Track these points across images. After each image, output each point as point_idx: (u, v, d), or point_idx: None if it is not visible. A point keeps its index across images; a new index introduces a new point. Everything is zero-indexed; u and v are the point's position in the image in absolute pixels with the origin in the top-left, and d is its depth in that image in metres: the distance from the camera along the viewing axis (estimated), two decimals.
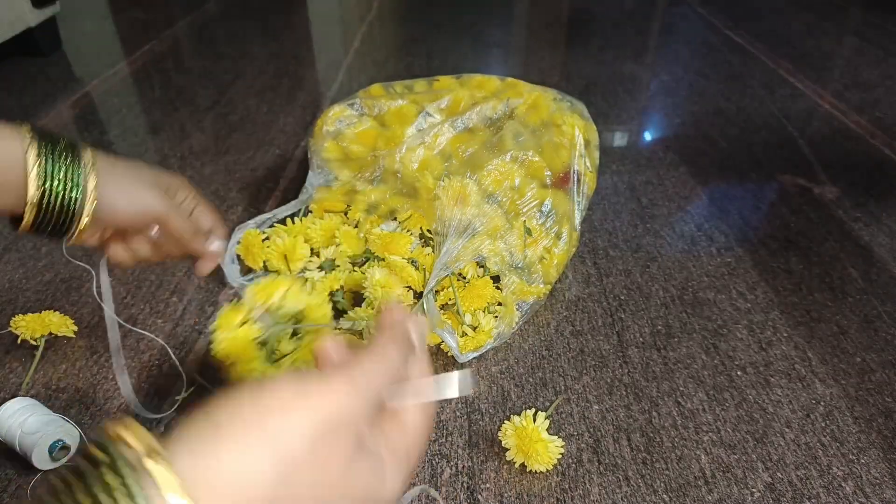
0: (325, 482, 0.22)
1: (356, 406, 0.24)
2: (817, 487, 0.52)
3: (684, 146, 1.06)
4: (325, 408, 0.22)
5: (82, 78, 1.33)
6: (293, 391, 0.22)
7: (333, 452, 0.22)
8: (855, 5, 1.83)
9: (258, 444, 0.21)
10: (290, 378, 0.23)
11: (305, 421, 0.22)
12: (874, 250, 0.81)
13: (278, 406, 0.22)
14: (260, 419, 0.21)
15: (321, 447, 0.22)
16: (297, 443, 0.21)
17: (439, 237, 0.69)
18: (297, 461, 0.21)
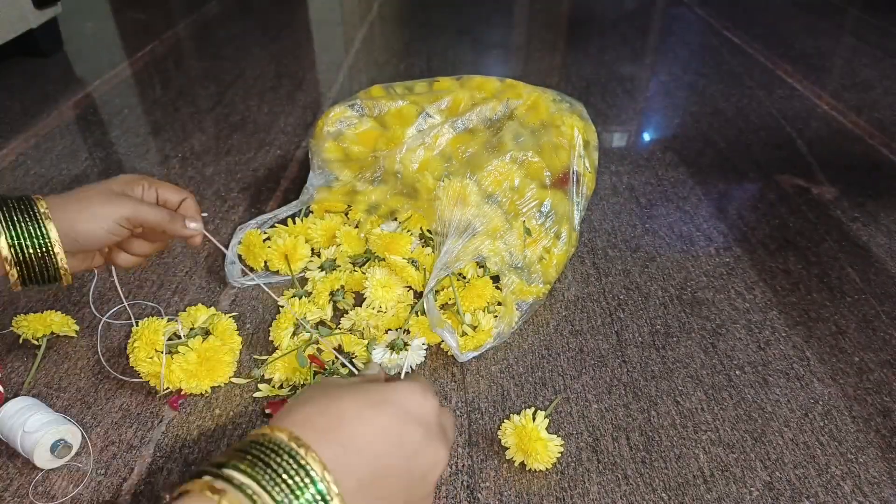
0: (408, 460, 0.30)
1: (431, 401, 0.33)
2: (815, 486, 0.53)
3: (683, 147, 1.07)
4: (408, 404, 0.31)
5: (83, 78, 1.33)
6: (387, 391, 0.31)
7: (413, 436, 0.31)
8: (853, 6, 1.83)
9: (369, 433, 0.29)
10: (385, 382, 0.33)
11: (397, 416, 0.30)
12: (872, 250, 0.81)
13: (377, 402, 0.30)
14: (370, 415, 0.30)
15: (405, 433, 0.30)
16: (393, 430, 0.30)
17: (439, 237, 0.69)
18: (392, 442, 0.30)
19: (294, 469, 0.26)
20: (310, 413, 0.29)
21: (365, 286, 0.68)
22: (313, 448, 0.27)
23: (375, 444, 0.29)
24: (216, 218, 0.87)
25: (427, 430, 0.31)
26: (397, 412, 0.30)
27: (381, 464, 0.29)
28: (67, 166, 1.00)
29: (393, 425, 0.30)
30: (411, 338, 0.64)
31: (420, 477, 0.31)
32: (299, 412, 0.29)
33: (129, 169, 0.99)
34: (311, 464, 0.26)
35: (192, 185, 0.95)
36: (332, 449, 0.27)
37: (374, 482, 0.28)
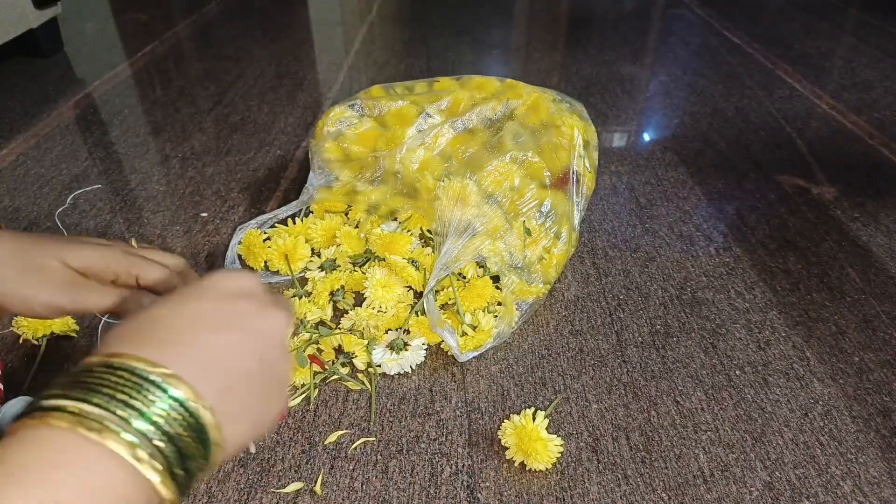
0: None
1: (249, 276, 0.31)
2: (815, 486, 0.53)
3: (683, 147, 1.07)
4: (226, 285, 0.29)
5: (84, 79, 1.33)
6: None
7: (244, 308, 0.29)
8: (853, 6, 1.83)
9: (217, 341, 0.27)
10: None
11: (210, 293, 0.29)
12: (872, 250, 0.81)
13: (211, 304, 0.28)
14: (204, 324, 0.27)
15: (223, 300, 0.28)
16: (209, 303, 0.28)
17: (439, 237, 0.69)
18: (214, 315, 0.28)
19: (132, 382, 0.23)
20: (126, 331, 0.26)
21: (365, 286, 0.68)
22: (144, 356, 0.24)
23: (200, 328, 0.27)
24: (216, 218, 0.87)
25: (256, 299, 0.29)
26: (213, 294, 0.28)
27: (215, 344, 0.26)
28: (67, 166, 1.00)
29: (213, 307, 0.28)
30: (411, 338, 0.64)
31: (266, 343, 0.29)
32: (115, 337, 0.26)
33: (129, 169, 0.99)
34: (135, 364, 0.23)
35: (192, 186, 0.95)
36: (165, 350, 0.25)
37: (214, 363, 0.26)
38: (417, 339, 0.64)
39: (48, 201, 0.91)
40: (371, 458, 0.55)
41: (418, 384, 0.62)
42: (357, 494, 0.52)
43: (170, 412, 0.23)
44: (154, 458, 0.22)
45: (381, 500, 0.51)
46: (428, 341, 0.65)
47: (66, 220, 0.87)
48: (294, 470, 0.54)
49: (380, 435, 0.57)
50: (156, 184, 0.95)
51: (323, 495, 0.52)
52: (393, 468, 0.54)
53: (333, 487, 0.52)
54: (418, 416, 0.59)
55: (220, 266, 0.76)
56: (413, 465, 0.54)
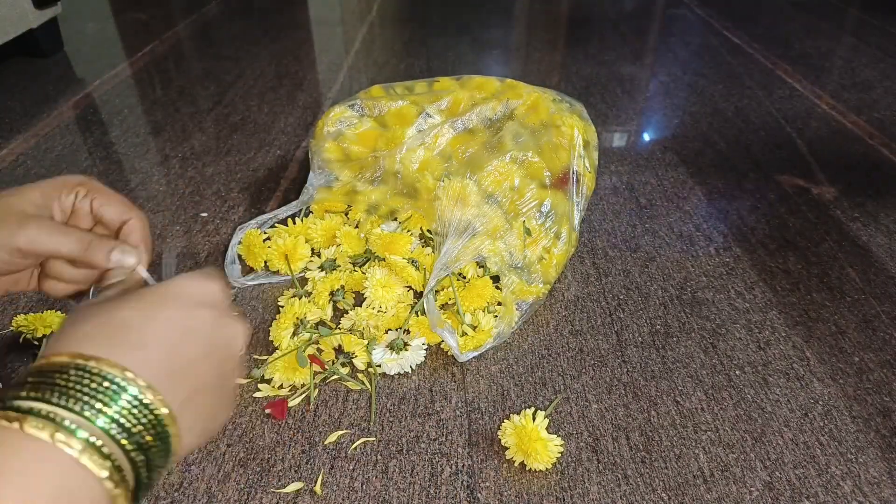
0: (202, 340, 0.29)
1: (213, 286, 0.31)
2: (815, 486, 0.53)
3: (683, 147, 1.07)
4: (191, 292, 0.30)
5: (84, 79, 1.33)
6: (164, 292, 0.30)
7: (203, 321, 0.29)
8: (853, 6, 1.83)
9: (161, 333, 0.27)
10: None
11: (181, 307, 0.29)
12: (872, 250, 0.81)
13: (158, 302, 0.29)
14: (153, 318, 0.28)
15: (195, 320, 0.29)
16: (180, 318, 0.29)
17: (439, 237, 0.69)
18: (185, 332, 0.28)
19: (90, 380, 0.23)
20: (87, 331, 0.26)
21: (365, 286, 0.68)
22: (104, 357, 0.24)
23: (168, 337, 0.27)
24: (216, 218, 0.87)
25: (215, 309, 0.30)
26: (180, 302, 0.29)
27: (181, 354, 0.27)
28: (67, 166, 0.99)
29: (180, 315, 0.28)
30: (411, 338, 0.64)
31: (224, 354, 0.30)
32: (74, 332, 0.26)
33: (129, 169, 0.99)
34: (109, 370, 0.24)
35: (192, 186, 0.95)
36: (125, 353, 0.25)
37: (179, 372, 0.27)
38: (417, 339, 0.64)
39: None
40: (371, 458, 0.55)
41: (418, 384, 0.62)
42: (357, 494, 0.52)
43: (134, 414, 0.24)
44: (115, 458, 0.23)
45: (381, 500, 0.51)
46: (428, 341, 0.65)
47: None
48: (294, 470, 0.54)
49: (380, 435, 0.57)
50: (156, 184, 0.95)
51: (323, 495, 0.52)
52: (393, 468, 0.54)
53: (333, 487, 0.52)
54: (418, 416, 0.59)
55: (220, 266, 0.76)
56: (413, 465, 0.54)
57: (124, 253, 0.37)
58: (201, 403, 0.28)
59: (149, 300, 0.29)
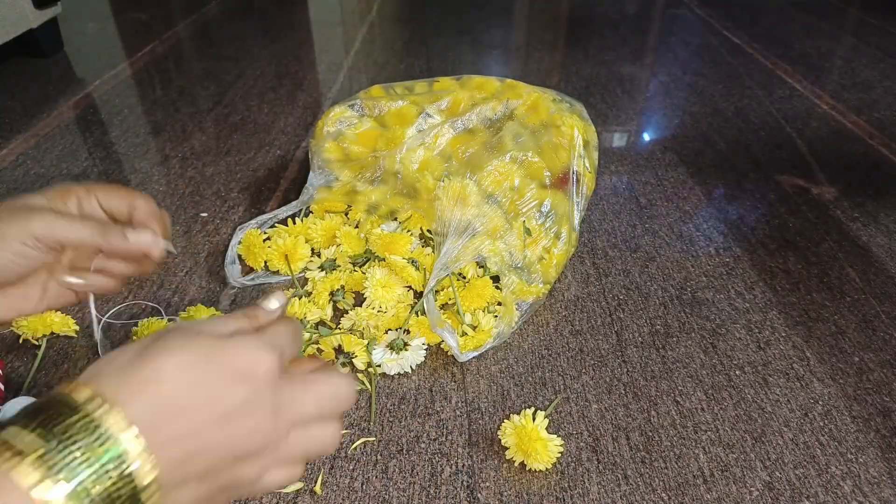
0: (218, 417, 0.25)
1: (267, 360, 0.27)
2: (815, 486, 0.53)
3: (683, 147, 1.07)
4: (235, 362, 0.26)
5: (84, 79, 1.33)
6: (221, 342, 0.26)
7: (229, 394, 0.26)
8: (853, 6, 1.83)
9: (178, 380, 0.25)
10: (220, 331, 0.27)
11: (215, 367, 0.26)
12: (872, 250, 0.81)
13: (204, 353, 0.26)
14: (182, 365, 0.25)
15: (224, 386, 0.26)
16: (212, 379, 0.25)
17: (439, 237, 0.69)
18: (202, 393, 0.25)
19: (88, 431, 0.22)
20: (122, 366, 0.25)
21: (365, 286, 0.68)
22: (119, 405, 0.23)
23: (188, 400, 0.25)
24: (216, 218, 0.87)
25: (254, 390, 0.26)
26: (220, 367, 0.26)
27: (192, 424, 0.25)
28: (67, 166, 1.00)
29: (211, 380, 0.25)
30: (411, 338, 0.64)
31: (241, 450, 0.26)
32: (111, 364, 0.25)
33: (129, 169, 0.99)
34: (109, 423, 0.23)
35: (191, 186, 0.95)
36: (142, 406, 0.24)
37: (188, 449, 0.24)
38: (417, 339, 0.64)
39: None
40: (371, 458, 0.55)
41: (418, 384, 0.62)
42: (357, 494, 0.52)
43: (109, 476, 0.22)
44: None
45: (381, 500, 0.51)
46: (428, 341, 0.65)
47: None
48: None
49: (380, 435, 0.57)
50: (156, 184, 0.95)
51: (323, 495, 0.52)
52: (393, 468, 0.54)
53: (333, 487, 0.52)
54: (418, 416, 0.59)
55: (220, 266, 0.76)
56: (413, 465, 0.54)
57: (139, 232, 0.37)
58: (206, 488, 0.26)
59: (195, 350, 0.26)
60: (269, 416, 0.27)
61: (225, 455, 0.26)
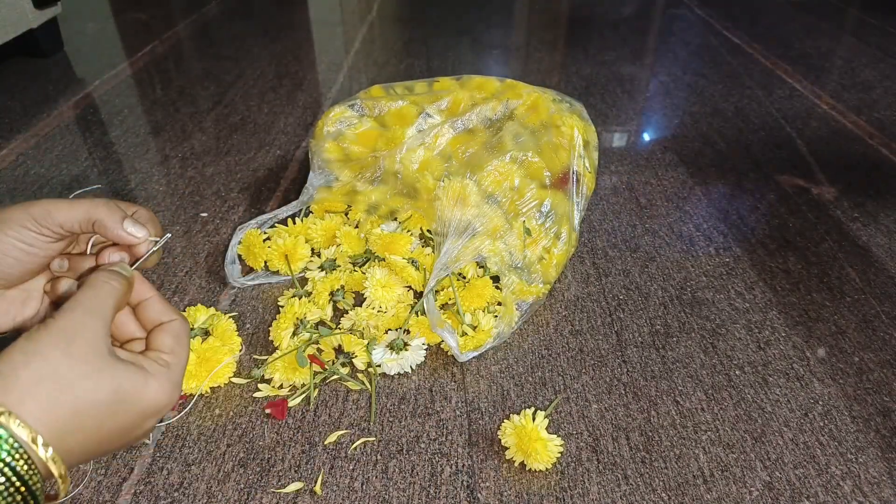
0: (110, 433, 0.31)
1: (169, 403, 0.33)
2: (815, 486, 0.53)
3: (683, 147, 1.07)
4: (147, 407, 0.32)
5: (84, 79, 1.33)
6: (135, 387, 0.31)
7: (133, 433, 0.32)
8: (853, 6, 1.83)
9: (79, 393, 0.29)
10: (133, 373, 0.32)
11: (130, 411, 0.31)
12: (872, 250, 0.81)
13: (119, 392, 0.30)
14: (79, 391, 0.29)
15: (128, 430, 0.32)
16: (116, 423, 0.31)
17: (439, 237, 0.69)
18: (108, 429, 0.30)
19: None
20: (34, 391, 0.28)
21: (365, 286, 0.68)
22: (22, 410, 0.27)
23: (104, 440, 0.31)
24: (216, 218, 0.87)
25: (156, 417, 0.33)
26: (137, 417, 0.32)
27: (99, 442, 0.31)
28: (67, 166, 1.00)
29: (128, 430, 0.32)
30: (411, 338, 0.64)
31: (134, 438, 0.33)
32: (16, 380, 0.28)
33: (129, 169, 0.99)
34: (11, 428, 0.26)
35: (191, 186, 0.95)
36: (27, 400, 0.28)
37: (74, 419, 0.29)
38: (417, 339, 0.64)
39: None
40: (371, 458, 0.55)
41: (418, 384, 0.62)
42: (357, 494, 0.52)
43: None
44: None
45: (381, 500, 0.51)
46: (428, 341, 0.65)
47: None
48: (294, 470, 0.54)
49: (380, 435, 0.57)
50: (156, 184, 0.95)
51: (323, 495, 0.52)
52: (393, 468, 0.54)
53: (333, 487, 0.52)
54: (418, 416, 0.59)
55: (220, 266, 0.76)
56: (413, 465, 0.54)
57: (136, 224, 0.37)
58: (92, 449, 0.31)
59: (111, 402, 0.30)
60: (155, 423, 0.34)
61: (119, 443, 0.32)
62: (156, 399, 0.32)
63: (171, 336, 0.35)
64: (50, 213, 0.35)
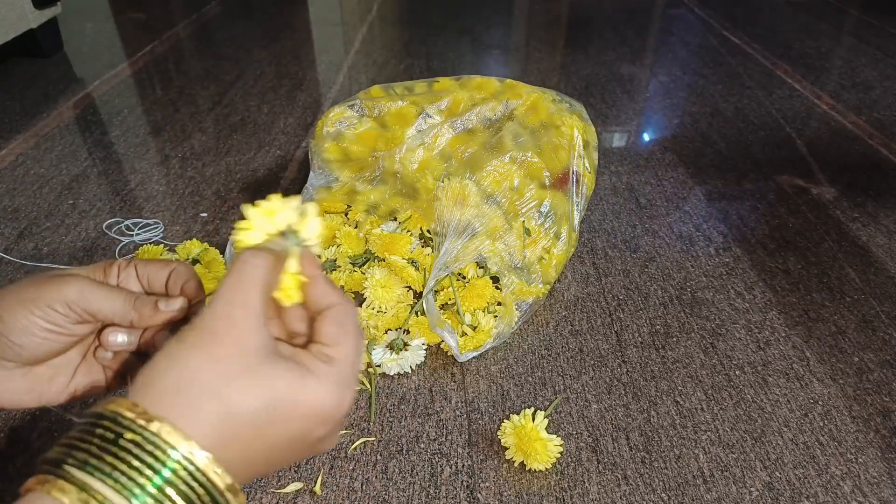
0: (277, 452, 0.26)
1: (342, 407, 0.27)
2: (815, 486, 0.53)
3: (682, 147, 1.07)
4: (314, 413, 0.26)
5: (83, 79, 1.33)
6: (294, 391, 0.26)
7: (302, 445, 0.27)
8: (852, 6, 1.83)
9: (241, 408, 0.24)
10: (293, 374, 0.26)
11: (294, 421, 0.26)
12: (872, 250, 0.81)
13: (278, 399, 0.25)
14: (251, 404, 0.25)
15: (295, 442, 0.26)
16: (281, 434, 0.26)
17: (439, 237, 0.69)
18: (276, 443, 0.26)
19: (141, 447, 0.22)
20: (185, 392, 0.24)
21: (365, 286, 0.68)
22: (170, 420, 0.23)
23: (275, 460, 0.27)
24: (216, 218, 0.87)
25: (330, 428, 0.27)
26: (304, 430, 0.26)
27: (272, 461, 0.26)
28: (67, 166, 0.99)
29: (297, 446, 0.27)
30: (411, 338, 0.64)
31: (305, 455, 0.29)
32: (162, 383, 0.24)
33: (129, 169, 0.99)
34: (164, 437, 0.23)
35: (191, 186, 0.95)
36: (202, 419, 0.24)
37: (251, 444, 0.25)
38: (417, 339, 0.64)
39: (48, 201, 0.91)
40: (371, 458, 0.55)
41: (418, 384, 0.62)
42: (357, 494, 0.52)
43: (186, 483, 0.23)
44: None
45: (381, 500, 0.51)
46: (428, 341, 0.65)
47: (66, 221, 0.86)
48: (294, 470, 0.54)
49: (380, 435, 0.57)
50: (156, 184, 0.95)
51: (323, 495, 0.52)
52: (393, 468, 0.54)
53: (333, 487, 0.52)
54: (418, 416, 0.59)
55: None
56: (413, 465, 0.54)
57: (171, 301, 0.35)
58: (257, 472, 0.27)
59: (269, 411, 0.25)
60: (336, 436, 0.29)
61: (292, 454, 0.27)
62: (318, 401, 0.26)
63: (333, 324, 0.29)
64: (84, 297, 0.32)
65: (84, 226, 0.85)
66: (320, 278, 0.31)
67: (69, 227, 0.85)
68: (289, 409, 0.25)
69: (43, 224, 0.86)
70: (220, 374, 0.24)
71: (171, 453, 0.22)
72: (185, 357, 0.24)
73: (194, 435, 0.23)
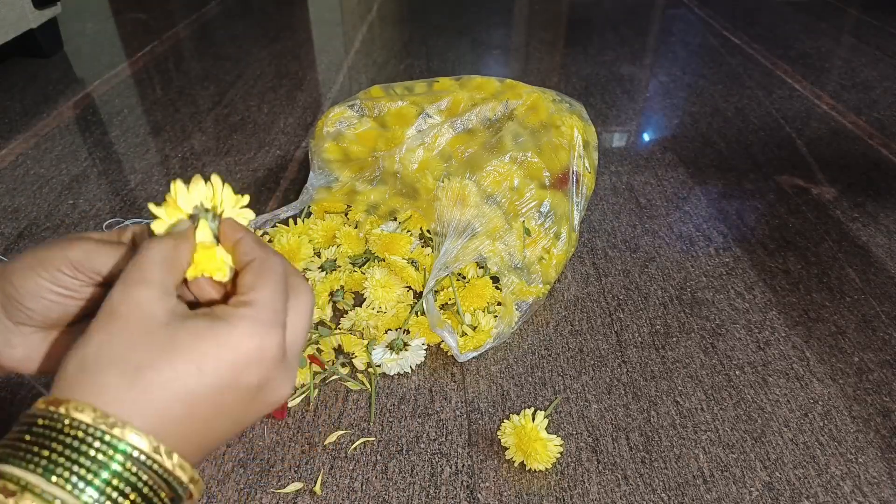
0: (226, 415, 0.26)
1: (266, 348, 0.26)
2: (815, 486, 0.53)
3: (682, 147, 1.07)
4: (234, 357, 0.25)
5: (83, 79, 1.33)
6: (204, 339, 0.25)
7: (237, 395, 0.25)
8: (852, 6, 1.83)
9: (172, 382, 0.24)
10: (200, 325, 0.25)
11: (214, 368, 0.25)
12: (872, 250, 0.81)
13: (189, 352, 0.24)
14: (171, 363, 0.24)
15: (226, 391, 0.25)
16: (206, 386, 0.24)
17: (439, 237, 0.69)
18: (206, 399, 0.25)
19: (89, 443, 0.22)
20: (116, 384, 0.24)
21: (365, 286, 0.68)
22: (112, 413, 0.23)
23: (205, 417, 0.25)
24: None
25: (266, 373, 0.26)
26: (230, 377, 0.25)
27: (209, 427, 0.25)
28: (67, 166, 0.99)
29: (224, 398, 0.25)
30: (411, 338, 0.64)
31: (252, 419, 0.27)
32: (94, 377, 0.24)
33: (129, 169, 0.99)
34: (73, 415, 0.22)
35: None
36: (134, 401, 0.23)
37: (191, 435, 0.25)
38: (417, 339, 0.64)
39: (48, 201, 0.91)
40: (371, 459, 0.55)
41: (418, 384, 0.62)
42: (357, 494, 0.52)
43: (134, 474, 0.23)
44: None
45: (380, 500, 0.51)
46: (428, 341, 0.65)
47: (66, 221, 0.87)
48: (294, 470, 0.54)
49: (380, 435, 0.57)
50: (156, 184, 0.95)
51: (323, 495, 0.52)
52: (393, 468, 0.54)
53: (333, 487, 0.52)
54: (418, 416, 0.59)
55: None
56: (413, 466, 0.54)
57: None
58: (208, 441, 0.26)
59: (184, 358, 0.24)
60: (283, 384, 0.27)
61: (236, 428, 0.27)
62: (233, 345, 0.25)
63: (250, 273, 0.28)
64: (90, 259, 0.31)
65: (84, 226, 0.85)
66: (245, 239, 0.30)
67: (69, 227, 0.85)
68: (200, 359, 0.24)
69: (43, 224, 0.86)
70: (123, 345, 0.24)
71: (77, 424, 0.22)
72: (85, 342, 0.24)
73: (101, 405, 0.23)
